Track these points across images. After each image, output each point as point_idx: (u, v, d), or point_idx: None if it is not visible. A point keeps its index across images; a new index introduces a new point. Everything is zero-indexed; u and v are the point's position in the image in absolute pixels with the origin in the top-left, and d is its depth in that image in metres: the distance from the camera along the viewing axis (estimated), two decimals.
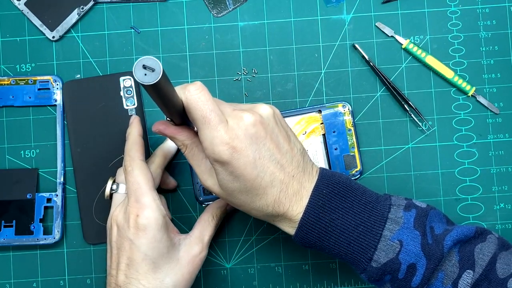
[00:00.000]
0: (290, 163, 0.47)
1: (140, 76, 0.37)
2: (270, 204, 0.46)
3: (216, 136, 0.44)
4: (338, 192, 0.47)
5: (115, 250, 0.50)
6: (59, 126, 0.60)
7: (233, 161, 0.44)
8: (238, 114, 0.45)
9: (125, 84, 0.59)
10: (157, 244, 0.49)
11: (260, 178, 0.45)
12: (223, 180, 0.46)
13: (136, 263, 0.49)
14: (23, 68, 0.60)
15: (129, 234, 0.49)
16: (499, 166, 0.60)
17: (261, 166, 0.45)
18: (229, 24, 0.61)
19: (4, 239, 0.59)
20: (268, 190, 0.46)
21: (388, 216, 0.46)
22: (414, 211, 0.47)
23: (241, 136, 0.44)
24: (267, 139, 0.46)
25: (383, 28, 0.60)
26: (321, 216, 0.46)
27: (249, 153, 0.44)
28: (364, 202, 0.47)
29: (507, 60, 0.60)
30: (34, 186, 0.59)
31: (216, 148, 0.44)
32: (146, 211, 0.49)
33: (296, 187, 0.46)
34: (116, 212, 0.51)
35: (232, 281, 0.60)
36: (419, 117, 0.60)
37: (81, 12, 0.60)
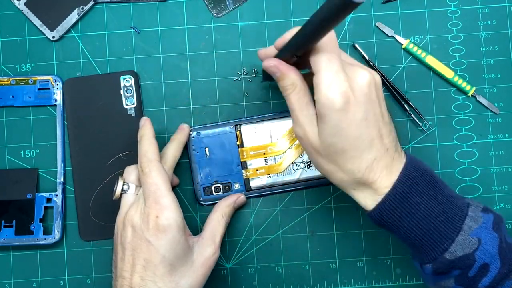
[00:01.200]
0: (388, 135, 0.46)
1: None
2: (362, 169, 0.45)
3: (335, 81, 0.43)
4: (425, 178, 0.46)
5: (129, 252, 0.49)
6: (59, 126, 0.60)
7: (343, 112, 0.43)
8: (357, 69, 0.45)
9: (125, 83, 0.59)
10: (176, 246, 0.49)
11: (361, 140, 0.44)
12: (325, 130, 0.44)
13: (154, 265, 0.48)
14: (23, 68, 0.60)
15: (147, 236, 0.48)
16: (499, 166, 0.60)
17: (366, 127, 0.44)
18: (229, 24, 0.61)
19: (4, 239, 0.59)
20: (365, 154, 0.45)
21: (468, 213, 0.46)
22: (492, 215, 0.47)
23: (357, 91, 0.44)
24: (375, 104, 0.45)
25: (383, 28, 0.60)
26: (409, 196, 0.45)
27: (359, 109, 0.44)
28: (446, 194, 0.46)
29: (507, 60, 0.60)
30: (34, 186, 0.59)
31: (333, 93, 0.43)
32: (166, 212, 0.49)
33: (388, 160, 0.46)
34: (132, 213, 0.50)
35: (232, 281, 0.60)
36: (419, 117, 0.59)
37: (81, 12, 0.60)
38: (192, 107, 0.60)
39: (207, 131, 0.59)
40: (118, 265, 0.50)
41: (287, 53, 0.47)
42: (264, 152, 0.59)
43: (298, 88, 0.47)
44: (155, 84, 0.60)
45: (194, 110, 0.60)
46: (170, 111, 0.60)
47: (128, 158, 0.59)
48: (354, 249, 0.60)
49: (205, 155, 0.59)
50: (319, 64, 0.44)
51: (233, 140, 0.59)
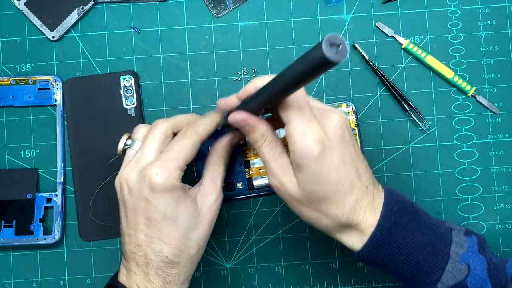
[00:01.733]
0: (365, 172, 0.46)
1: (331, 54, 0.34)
2: (345, 212, 0.44)
3: (309, 130, 0.42)
4: (407, 210, 0.46)
5: (129, 210, 0.48)
6: (59, 126, 0.60)
7: (321, 158, 0.42)
8: (327, 113, 0.44)
9: (125, 83, 0.59)
10: (176, 204, 0.47)
11: (341, 183, 0.44)
12: (304, 179, 0.44)
13: (156, 222, 0.47)
14: (23, 68, 0.60)
15: (145, 194, 0.46)
16: (499, 166, 0.60)
17: (344, 170, 0.44)
18: (229, 24, 0.61)
19: (4, 239, 0.59)
20: (347, 197, 0.44)
21: (452, 239, 0.46)
22: (475, 237, 0.47)
23: (331, 135, 0.43)
24: (350, 144, 0.45)
25: (383, 28, 0.60)
26: (394, 232, 0.44)
27: (336, 153, 0.43)
28: (428, 223, 0.46)
29: (507, 60, 0.60)
30: (34, 186, 0.59)
31: (308, 142, 0.42)
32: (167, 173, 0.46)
33: (370, 198, 0.45)
34: (127, 171, 0.48)
35: (232, 281, 0.60)
36: (419, 117, 0.60)
37: (81, 12, 0.60)
38: (192, 107, 0.60)
39: None
40: (122, 222, 0.49)
41: (254, 106, 0.45)
42: None
43: (268, 139, 0.46)
44: (155, 84, 0.60)
45: (194, 110, 0.60)
46: (170, 111, 0.60)
47: None
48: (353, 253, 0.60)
49: None
50: (290, 114, 0.43)
51: None
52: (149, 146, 0.49)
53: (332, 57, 0.34)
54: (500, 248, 0.59)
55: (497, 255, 0.59)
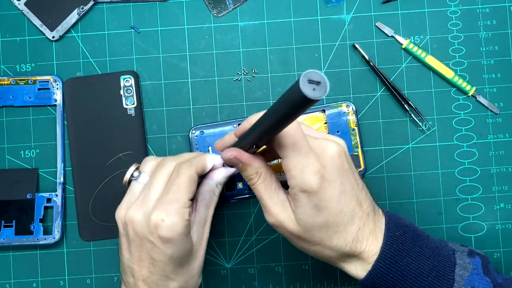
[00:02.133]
0: (366, 200, 0.45)
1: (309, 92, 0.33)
2: (348, 243, 0.44)
3: (307, 164, 0.42)
4: (409, 235, 0.45)
5: (134, 247, 0.47)
6: (59, 126, 0.60)
7: (321, 191, 0.42)
8: (324, 143, 0.43)
9: (125, 83, 0.59)
10: (182, 247, 0.46)
11: (343, 214, 0.43)
12: (304, 213, 0.43)
13: (162, 263, 0.46)
14: (23, 68, 0.60)
15: (151, 238, 0.45)
16: (499, 166, 0.60)
17: (345, 200, 0.43)
18: (229, 24, 0.61)
19: (4, 239, 0.58)
20: (349, 227, 0.44)
21: (456, 261, 0.45)
22: (479, 258, 0.46)
23: (329, 166, 0.42)
24: (349, 173, 0.44)
25: (383, 28, 0.60)
26: (397, 259, 0.44)
27: (336, 185, 0.42)
28: (431, 246, 0.46)
29: (507, 60, 0.60)
30: (34, 186, 0.59)
31: (307, 176, 0.42)
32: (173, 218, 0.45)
33: (372, 225, 0.45)
34: (133, 211, 0.47)
35: (232, 281, 0.60)
36: (419, 117, 0.60)
37: (81, 12, 0.60)
38: (192, 107, 0.60)
39: (210, 130, 0.59)
40: (125, 254, 0.48)
41: (247, 143, 0.45)
42: None
43: (263, 176, 0.45)
44: (155, 84, 0.60)
45: (194, 110, 0.60)
46: (170, 111, 0.60)
47: (128, 158, 0.59)
48: None
49: None
50: (286, 149, 0.42)
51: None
52: (156, 186, 0.47)
53: (310, 95, 0.33)
54: (500, 248, 0.59)
55: (497, 255, 0.59)
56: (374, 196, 0.59)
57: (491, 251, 0.59)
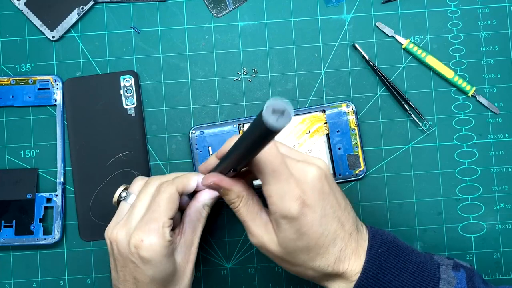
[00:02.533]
0: (348, 220, 0.45)
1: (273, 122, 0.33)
2: (330, 264, 0.44)
3: (287, 191, 0.42)
4: (392, 251, 0.45)
5: (119, 266, 0.48)
6: (59, 126, 0.60)
7: (302, 217, 0.42)
8: (304, 167, 0.43)
9: (125, 83, 0.59)
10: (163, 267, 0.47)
11: (324, 236, 0.43)
12: (286, 238, 0.43)
13: (145, 284, 0.47)
14: (23, 68, 0.60)
15: (132, 258, 0.46)
16: (499, 166, 0.60)
17: (326, 223, 0.43)
18: (229, 24, 0.61)
19: (4, 239, 0.59)
20: (330, 249, 0.44)
21: (440, 276, 0.45)
22: (463, 271, 0.46)
23: (309, 191, 0.43)
24: (330, 195, 0.44)
25: (383, 28, 0.60)
26: (380, 276, 0.44)
27: (317, 209, 0.43)
28: (415, 262, 0.46)
29: (507, 60, 0.60)
30: (34, 186, 0.59)
31: (287, 203, 0.42)
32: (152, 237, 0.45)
33: (354, 245, 0.45)
34: (116, 230, 0.48)
35: (232, 281, 0.60)
36: (419, 117, 0.60)
37: (81, 12, 0.60)
38: (192, 107, 0.60)
39: (210, 130, 0.59)
40: (113, 273, 0.50)
41: (226, 167, 0.45)
42: None
43: (245, 199, 0.45)
44: (155, 84, 0.60)
45: (194, 110, 0.60)
46: (170, 111, 0.60)
47: (128, 158, 0.59)
48: None
49: (209, 154, 0.59)
50: (265, 176, 0.42)
51: None
52: (139, 205, 0.48)
53: (274, 125, 0.32)
54: (500, 248, 0.59)
55: (497, 255, 0.59)
56: (374, 196, 0.59)
57: (491, 251, 0.59)
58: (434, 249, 0.59)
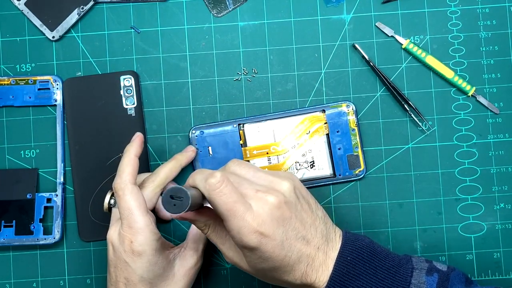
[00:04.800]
0: (315, 236, 0.46)
1: (170, 208, 0.36)
2: (298, 278, 0.46)
3: (243, 226, 0.43)
4: (362, 258, 0.46)
5: (111, 268, 0.51)
6: (59, 126, 0.60)
7: (262, 246, 0.44)
8: (262, 197, 0.44)
9: (125, 83, 0.59)
10: (153, 267, 0.50)
11: (288, 257, 0.45)
12: (251, 262, 0.46)
13: (134, 283, 0.50)
14: (23, 68, 0.60)
15: (124, 257, 0.50)
16: (499, 166, 0.60)
17: (288, 246, 0.45)
18: (229, 24, 0.61)
19: (4, 239, 0.58)
20: (296, 266, 0.45)
21: (411, 281, 0.46)
22: (436, 275, 0.47)
23: (268, 221, 0.44)
24: (292, 219, 0.45)
25: (383, 28, 0.60)
26: (347, 284, 0.45)
27: (276, 236, 0.44)
28: (387, 267, 0.47)
29: (507, 60, 0.60)
30: (34, 186, 0.59)
31: (245, 237, 0.43)
32: (140, 237, 0.49)
33: (322, 258, 0.46)
34: (111, 232, 0.51)
35: (232, 281, 0.60)
36: (419, 117, 0.59)
37: (81, 12, 0.60)
38: (192, 107, 0.60)
39: (211, 130, 0.59)
40: (107, 277, 0.52)
41: None
42: (267, 152, 0.59)
43: (212, 226, 0.48)
44: (155, 84, 0.60)
45: (194, 110, 0.60)
46: (170, 111, 0.60)
47: None
48: None
49: (208, 154, 0.59)
50: (222, 215, 0.44)
51: (236, 139, 0.59)
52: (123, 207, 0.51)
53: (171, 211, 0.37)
54: (500, 248, 0.59)
55: (497, 255, 0.59)
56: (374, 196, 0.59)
57: (491, 251, 0.59)
58: (434, 249, 0.59)
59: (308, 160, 0.59)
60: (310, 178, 0.59)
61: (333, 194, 0.60)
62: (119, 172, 0.51)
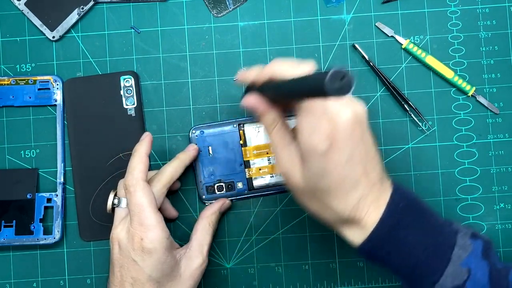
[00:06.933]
0: (373, 170, 0.45)
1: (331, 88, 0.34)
2: (348, 208, 0.44)
3: (318, 127, 0.42)
4: (412, 208, 0.45)
5: (117, 268, 0.50)
6: (59, 126, 0.60)
7: (328, 155, 0.42)
8: (339, 108, 0.43)
9: (125, 83, 0.59)
10: (162, 265, 0.49)
11: (347, 180, 0.43)
12: (310, 173, 0.44)
13: (141, 283, 0.49)
14: (23, 68, 0.60)
15: (133, 255, 0.49)
16: (499, 166, 0.60)
17: (351, 167, 0.43)
18: (229, 24, 0.61)
19: (4, 239, 0.59)
20: (351, 193, 0.44)
21: (456, 241, 0.45)
22: (481, 241, 0.46)
23: (341, 132, 0.42)
24: (360, 142, 0.44)
25: (383, 28, 0.60)
26: (396, 230, 0.44)
27: (344, 151, 0.42)
28: (433, 224, 0.46)
29: (507, 60, 0.60)
30: (34, 186, 0.59)
31: (316, 137, 0.42)
32: (151, 234, 0.49)
33: (375, 195, 0.45)
34: (117, 231, 0.51)
35: (232, 281, 0.60)
36: (419, 117, 0.60)
37: (81, 12, 0.60)
38: (192, 107, 0.60)
39: (211, 130, 0.59)
40: (110, 277, 0.52)
41: (266, 94, 0.46)
42: (267, 152, 0.59)
43: (279, 125, 0.46)
44: (155, 84, 0.60)
45: (194, 110, 0.60)
46: (170, 111, 0.60)
47: (128, 158, 0.59)
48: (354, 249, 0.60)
49: (208, 154, 0.59)
50: (300, 109, 0.43)
51: (236, 139, 0.59)
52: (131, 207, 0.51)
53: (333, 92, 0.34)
54: (500, 248, 0.59)
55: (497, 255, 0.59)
56: None
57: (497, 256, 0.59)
58: None
59: None
60: None
61: None
62: (129, 169, 0.51)
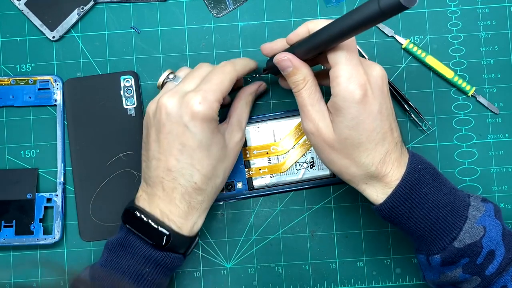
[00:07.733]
0: (397, 129, 0.48)
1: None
2: (376, 162, 0.46)
3: (355, 74, 0.44)
4: (429, 171, 0.48)
5: (163, 134, 0.49)
6: (59, 126, 0.60)
7: (362, 104, 0.44)
8: (371, 63, 0.46)
9: (125, 83, 0.59)
10: (211, 134, 0.49)
11: (376, 132, 0.45)
12: (342, 124, 0.45)
13: (191, 149, 0.48)
14: (23, 68, 0.60)
15: (185, 121, 0.48)
16: (499, 166, 0.60)
17: (380, 121, 0.45)
18: (229, 24, 0.61)
19: (4, 239, 0.59)
20: (379, 147, 0.46)
21: (470, 203, 0.48)
22: (491, 204, 0.48)
23: (373, 84, 0.45)
24: (387, 98, 0.47)
25: (383, 28, 0.60)
26: (417, 188, 0.46)
27: (375, 102, 0.45)
28: (449, 186, 0.48)
29: (507, 60, 0.60)
30: (34, 186, 0.59)
31: (353, 85, 0.44)
32: (211, 100, 0.48)
33: (398, 154, 0.47)
34: (165, 98, 0.49)
35: (232, 281, 0.60)
36: (419, 117, 0.60)
37: (81, 12, 0.60)
38: None
39: None
40: (151, 146, 0.50)
41: (304, 50, 0.47)
42: (267, 152, 0.59)
43: (309, 83, 0.48)
44: (155, 84, 0.60)
45: None
46: None
47: (128, 158, 0.59)
48: (354, 249, 0.60)
49: None
50: (338, 57, 0.45)
51: None
52: (191, 80, 0.51)
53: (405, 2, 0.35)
54: None
55: None
56: None
57: None
58: None
59: (308, 160, 0.59)
60: (310, 178, 0.59)
61: (333, 194, 0.60)
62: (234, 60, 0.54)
